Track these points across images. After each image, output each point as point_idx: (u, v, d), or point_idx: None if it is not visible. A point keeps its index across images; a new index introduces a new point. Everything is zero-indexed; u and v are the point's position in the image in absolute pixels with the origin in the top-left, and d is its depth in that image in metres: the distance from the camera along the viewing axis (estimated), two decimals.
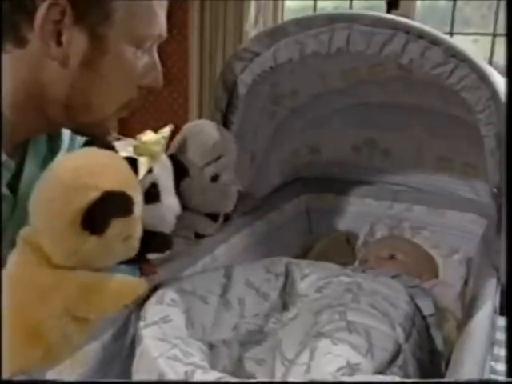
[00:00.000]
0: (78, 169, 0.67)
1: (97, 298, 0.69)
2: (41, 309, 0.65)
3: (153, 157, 0.87)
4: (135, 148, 0.86)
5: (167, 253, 0.90)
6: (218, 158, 1.06)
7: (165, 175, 0.90)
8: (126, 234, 0.70)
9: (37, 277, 0.66)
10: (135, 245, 0.75)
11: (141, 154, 0.86)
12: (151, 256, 0.89)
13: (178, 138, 1.07)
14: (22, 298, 0.65)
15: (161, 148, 0.89)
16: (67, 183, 0.65)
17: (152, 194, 0.87)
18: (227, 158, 1.08)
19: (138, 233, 0.74)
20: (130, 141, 0.89)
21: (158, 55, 0.88)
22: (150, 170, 0.86)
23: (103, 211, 0.66)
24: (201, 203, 1.03)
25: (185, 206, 0.98)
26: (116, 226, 0.67)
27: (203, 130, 1.07)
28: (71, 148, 1.04)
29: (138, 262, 0.90)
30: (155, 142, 0.88)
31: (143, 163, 0.86)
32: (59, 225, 0.65)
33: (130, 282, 0.75)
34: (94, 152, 0.72)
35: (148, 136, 0.88)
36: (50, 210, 0.66)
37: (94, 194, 0.65)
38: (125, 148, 0.87)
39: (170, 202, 0.90)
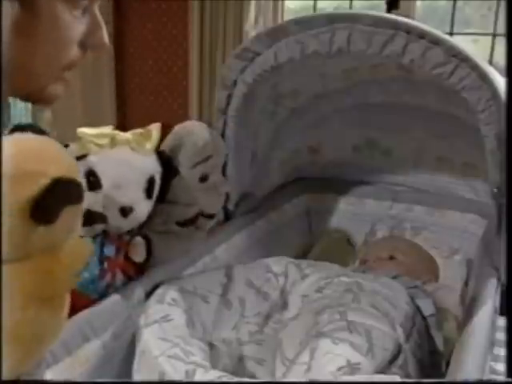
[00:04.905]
0: (23, 155, 0.61)
1: (54, 271, 0.64)
2: (6, 308, 0.61)
3: (93, 147, 0.86)
4: (78, 140, 0.86)
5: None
6: (208, 158, 1.07)
7: (108, 165, 0.90)
8: (72, 225, 0.66)
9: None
10: (78, 243, 0.70)
11: (83, 145, 0.86)
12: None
13: (169, 137, 1.08)
14: None
15: (107, 142, 0.89)
16: (10, 171, 0.59)
17: (91, 182, 0.88)
18: (216, 158, 1.09)
19: (79, 227, 0.69)
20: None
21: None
22: (81, 157, 0.86)
23: (55, 199, 0.61)
24: (188, 201, 1.04)
25: (165, 200, 0.99)
26: (64, 216, 0.63)
27: (193, 132, 1.09)
28: None
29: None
30: (100, 135, 0.88)
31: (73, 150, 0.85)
32: (6, 216, 0.59)
33: (77, 243, 0.69)
34: (30, 139, 0.66)
35: (95, 130, 0.88)
36: None
37: (43, 182, 0.59)
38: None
39: (113, 192, 0.90)
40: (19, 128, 0.71)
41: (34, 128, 0.72)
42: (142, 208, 0.93)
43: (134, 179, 0.92)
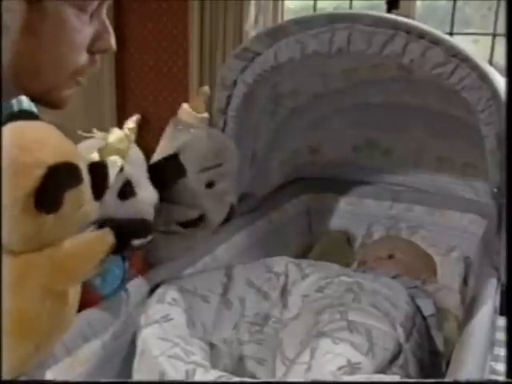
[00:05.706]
0: (13, 149, 0.60)
1: (69, 263, 0.66)
2: (21, 299, 0.62)
3: (121, 154, 0.87)
4: (102, 151, 0.86)
5: (149, 238, 0.89)
6: (218, 165, 1.07)
7: (136, 170, 0.91)
8: (79, 203, 0.66)
9: (4, 270, 0.61)
10: (90, 209, 0.70)
11: (109, 155, 0.86)
12: (135, 242, 0.87)
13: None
14: None
15: (127, 144, 0.89)
16: (5, 168, 0.59)
17: (127, 192, 0.87)
18: (227, 166, 1.08)
19: (89, 197, 0.69)
20: (98, 140, 0.88)
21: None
22: (121, 169, 0.86)
23: (54, 187, 0.62)
24: (191, 203, 1.04)
25: (165, 199, 0.99)
26: (69, 199, 0.63)
27: (209, 136, 1.07)
28: None
29: (121, 251, 0.89)
30: (120, 139, 0.88)
31: (113, 162, 0.85)
32: (12, 213, 0.60)
33: (96, 236, 0.70)
34: (23, 127, 0.65)
35: (114, 135, 0.88)
36: None
37: (39, 172, 0.60)
38: (92, 149, 0.86)
39: (144, 194, 0.90)
40: (14, 116, 0.70)
41: (28, 115, 0.71)
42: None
43: (145, 174, 0.94)
